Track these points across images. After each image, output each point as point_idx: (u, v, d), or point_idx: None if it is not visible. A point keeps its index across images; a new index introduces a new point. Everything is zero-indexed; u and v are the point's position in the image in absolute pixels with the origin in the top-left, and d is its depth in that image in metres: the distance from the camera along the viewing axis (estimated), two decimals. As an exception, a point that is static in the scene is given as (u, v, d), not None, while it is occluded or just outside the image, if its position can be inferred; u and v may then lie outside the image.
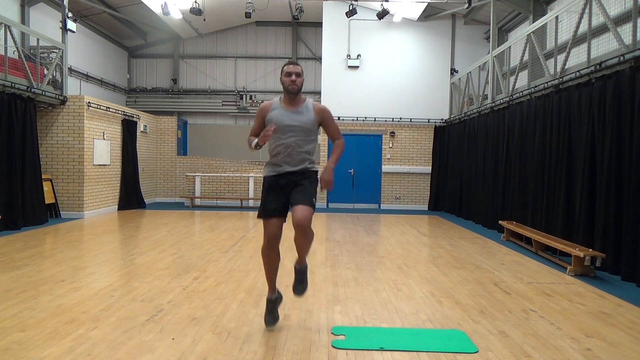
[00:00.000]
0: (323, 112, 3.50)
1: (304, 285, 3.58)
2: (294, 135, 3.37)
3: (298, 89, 3.40)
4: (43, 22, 11.14)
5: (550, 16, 7.68)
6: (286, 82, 3.39)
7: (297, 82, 3.38)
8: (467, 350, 3.24)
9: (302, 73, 3.43)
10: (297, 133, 3.37)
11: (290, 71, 3.38)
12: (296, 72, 3.38)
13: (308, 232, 3.28)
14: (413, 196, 13.57)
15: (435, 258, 6.53)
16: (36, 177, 8.97)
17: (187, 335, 3.41)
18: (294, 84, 3.37)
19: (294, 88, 3.38)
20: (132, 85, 16.42)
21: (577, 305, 4.35)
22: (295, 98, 3.43)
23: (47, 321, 3.63)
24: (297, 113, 3.40)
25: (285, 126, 3.35)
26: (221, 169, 13.99)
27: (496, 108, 9.64)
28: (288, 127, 3.36)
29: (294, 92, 3.39)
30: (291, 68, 3.39)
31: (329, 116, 3.53)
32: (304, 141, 3.40)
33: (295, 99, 3.43)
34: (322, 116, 3.49)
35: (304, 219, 3.22)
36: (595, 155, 6.21)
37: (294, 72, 3.38)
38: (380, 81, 13.47)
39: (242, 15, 13.04)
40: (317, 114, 3.46)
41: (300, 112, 3.41)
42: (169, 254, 6.34)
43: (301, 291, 3.59)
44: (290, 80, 3.37)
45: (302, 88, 3.44)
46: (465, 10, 12.47)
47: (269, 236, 3.37)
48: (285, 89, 3.41)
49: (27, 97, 8.73)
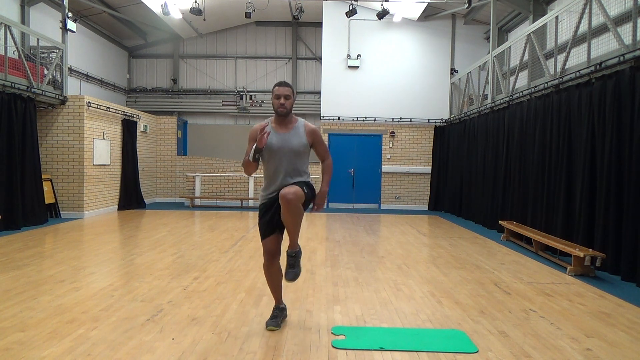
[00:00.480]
0: (314, 134, 3.54)
1: (296, 270, 3.47)
2: (285, 158, 3.39)
3: (287, 112, 3.41)
4: (43, 22, 11.14)
5: (550, 16, 7.68)
6: (275, 105, 3.41)
7: (286, 105, 3.39)
8: (467, 350, 3.24)
9: (291, 95, 3.43)
10: (288, 155, 3.40)
11: (279, 94, 3.38)
12: (284, 95, 3.38)
13: (292, 205, 3.18)
14: (413, 196, 13.57)
15: (435, 258, 6.53)
16: (36, 177, 8.97)
17: (187, 335, 3.41)
18: (283, 107, 3.38)
19: (282, 111, 3.40)
20: (132, 85, 16.42)
21: (577, 305, 4.35)
22: (286, 120, 3.46)
23: (47, 321, 3.63)
24: (287, 135, 3.43)
25: (276, 148, 3.38)
26: (221, 169, 13.99)
27: (496, 108, 9.64)
28: (279, 148, 3.38)
29: (283, 115, 3.42)
30: (280, 90, 3.39)
31: (320, 138, 3.59)
32: (295, 161, 3.44)
33: (285, 120, 3.46)
34: (314, 138, 3.54)
35: (289, 192, 3.17)
36: (595, 155, 6.21)
37: (282, 95, 3.37)
38: (380, 81, 13.47)
39: (242, 15, 13.04)
40: (308, 136, 3.50)
41: (290, 135, 3.44)
42: (169, 254, 6.34)
43: (293, 276, 3.45)
44: (279, 103, 3.38)
45: (291, 110, 3.46)
46: (465, 10, 12.48)
47: (267, 254, 3.48)
48: (275, 111, 3.44)
49: (27, 97, 8.73)
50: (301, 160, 3.47)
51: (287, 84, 3.44)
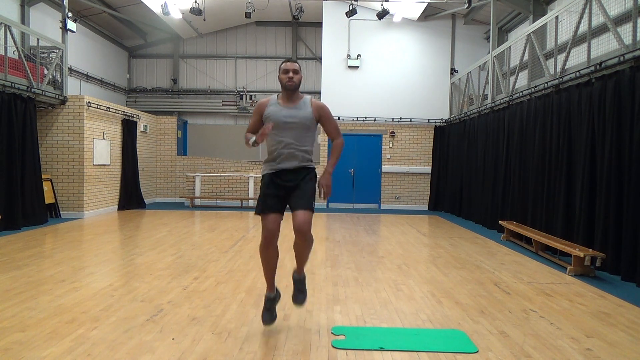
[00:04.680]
0: (321, 108, 3.48)
1: (305, 294, 3.59)
2: (291, 132, 3.35)
3: (296, 86, 3.39)
4: (43, 22, 11.15)
5: (550, 16, 7.68)
6: (284, 79, 3.38)
7: (294, 79, 3.37)
8: (467, 350, 3.24)
9: (299, 70, 3.42)
10: (295, 129, 3.35)
11: (288, 68, 3.38)
12: (293, 69, 3.38)
13: (308, 236, 3.30)
14: (413, 196, 13.57)
15: (435, 258, 6.53)
16: (36, 177, 8.97)
17: (187, 335, 3.41)
18: (292, 80, 3.37)
19: (291, 85, 3.37)
20: (132, 85, 16.42)
21: (577, 305, 4.35)
22: (293, 95, 3.42)
23: (47, 321, 3.63)
24: (294, 109, 3.39)
25: (282, 122, 3.34)
26: (221, 169, 13.99)
27: (496, 108, 9.64)
28: (285, 123, 3.34)
29: (291, 89, 3.39)
30: (289, 65, 3.40)
31: (328, 113, 3.50)
32: (301, 138, 3.38)
33: (293, 95, 3.42)
34: (320, 113, 3.46)
35: (304, 222, 3.24)
36: (595, 155, 6.20)
37: (291, 69, 3.38)
38: (380, 81, 13.47)
39: (242, 15, 13.04)
40: (315, 110, 3.44)
41: (297, 108, 3.40)
42: (169, 254, 6.34)
43: (302, 301, 3.58)
44: (288, 77, 3.37)
45: (300, 85, 3.42)
46: (465, 10, 12.47)
47: (267, 233, 3.32)
48: (283, 86, 3.40)
49: (27, 97, 8.73)
50: (306, 135, 3.40)
51: (295, 61, 3.45)
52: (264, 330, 3.54)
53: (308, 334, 3.50)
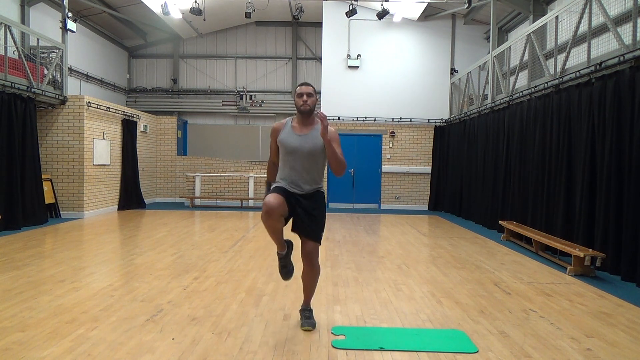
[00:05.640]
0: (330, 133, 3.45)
1: (313, 322, 3.65)
2: (300, 160, 3.43)
3: (310, 109, 3.47)
4: (43, 22, 11.15)
5: (550, 16, 7.68)
6: (298, 103, 3.48)
7: (308, 102, 3.45)
8: (467, 350, 3.24)
9: (313, 93, 3.50)
10: (305, 157, 3.43)
11: (302, 92, 3.47)
12: (307, 93, 3.46)
13: (316, 263, 3.57)
14: (413, 196, 13.57)
15: (435, 258, 6.53)
16: (36, 177, 8.97)
17: (187, 335, 3.41)
18: (306, 104, 3.45)
19: (305, 108, 3.45)
20: (132, 85, 16.42)
21: (577, 305, 4.35)
22: (308, 119, 3.51)
23: (47, 321, 3.63)
24: (304, 137, 3.45)
25: (292, 149, 3.43)
26: (221, 169, 13.99)
27: (496, 108, 9.64)
28: (294, 150, 3.43)
29: (305, 112, 3.47)
30: (303, 89, 3.49)
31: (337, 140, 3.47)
32: (310, 165, 3.45)
33: (307, 120, 3.51)
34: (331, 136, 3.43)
35: (313, 250, 3.52)
36: (595, 155, 6.21)
37: (305, 93, 3.46)
38: (380, 81, 13.47)
39: (242, 15, 13.04)
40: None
41: (308, 136, 3.45)
42: (169, 254, 6.34)
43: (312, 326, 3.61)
44: (302, 101, 3.45)
45: (314, 108, 3.50)
46: (465, 10, 12.48)
47: (268, 207, 3.18)
48: (297, 109, 3.50)
49: (27, 97, 8.73)
50: (316, 164, 3.48)
51: (309, 84, 3.54)
52: (264, 330, 3.54)
53: (308, 334, 3.50)
